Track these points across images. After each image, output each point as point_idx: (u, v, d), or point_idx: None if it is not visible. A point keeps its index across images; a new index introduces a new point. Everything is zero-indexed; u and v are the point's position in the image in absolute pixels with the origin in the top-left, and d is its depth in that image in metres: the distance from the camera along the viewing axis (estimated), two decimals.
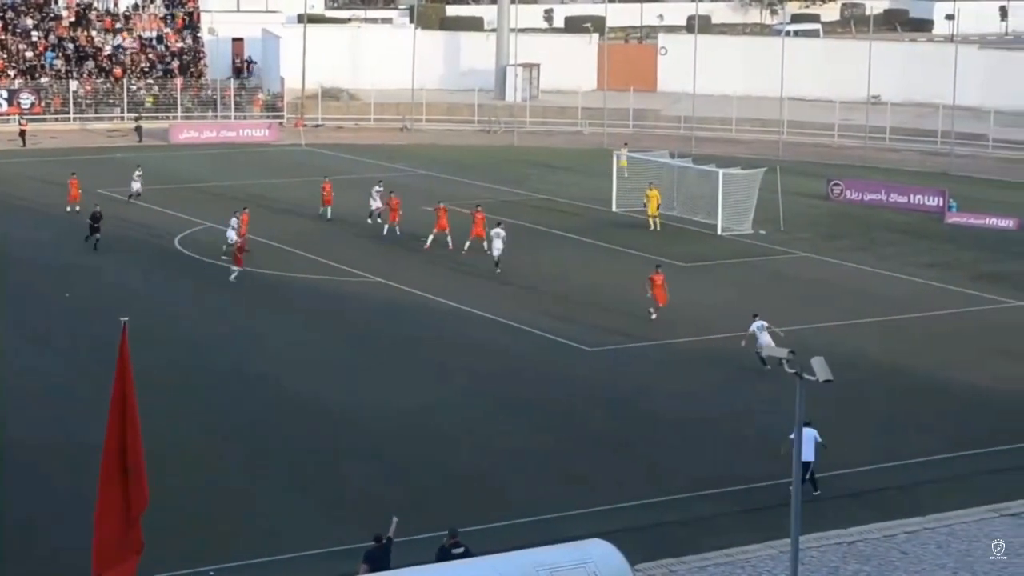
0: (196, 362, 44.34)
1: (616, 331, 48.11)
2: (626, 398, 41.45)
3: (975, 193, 73.84)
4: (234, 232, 57.33)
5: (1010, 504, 33.51)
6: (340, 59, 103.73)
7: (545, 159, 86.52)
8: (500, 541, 29.71)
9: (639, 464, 36.37)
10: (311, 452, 36.69)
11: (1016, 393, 42.25)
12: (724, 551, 30.68)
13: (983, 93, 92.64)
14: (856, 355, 44.64)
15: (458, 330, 48.48)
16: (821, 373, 24.56)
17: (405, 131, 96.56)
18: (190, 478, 34.56)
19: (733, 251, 61.10)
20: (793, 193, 70.02)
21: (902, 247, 62.69)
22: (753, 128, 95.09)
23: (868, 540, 31.43)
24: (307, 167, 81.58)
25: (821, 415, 34.19)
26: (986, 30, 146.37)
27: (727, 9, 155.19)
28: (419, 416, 39.58)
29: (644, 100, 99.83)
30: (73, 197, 66.68)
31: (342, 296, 52.98)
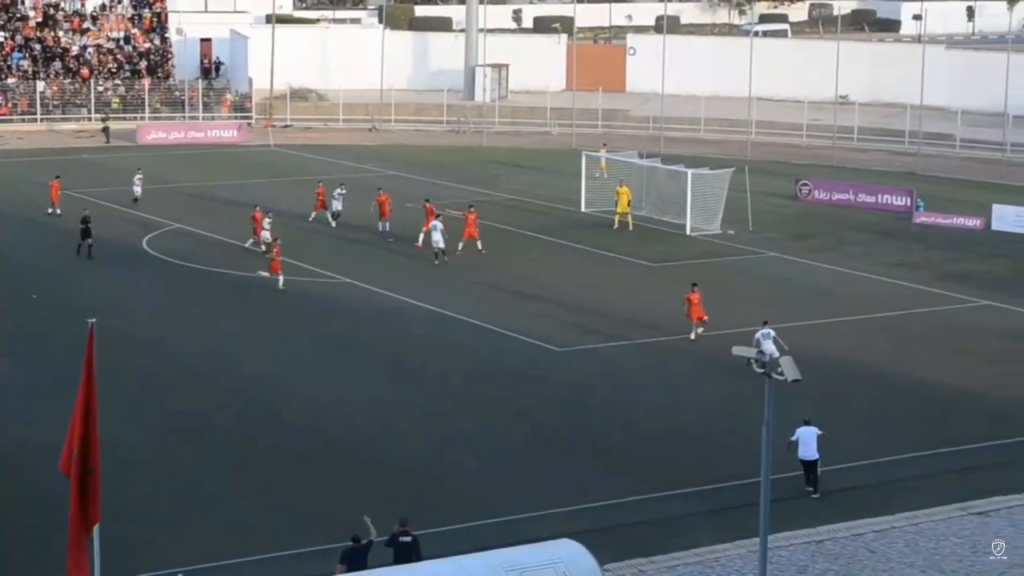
0: (162, 363, 44.15)
1: (585, 331, 48.10)
2: (594, 398, 41.44)
3: (942, 193, 74.12)
4: (267, 233, 57.42)
5: (976, 503, 33.61)
6: (309, 60, 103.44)
7: (514, 159, 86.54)
8: (469, 542, 29.70)
9: (608, 464, 36.33)
10: (278, 452, 36.56)
11: (982, 392, 42.36)
12: (693, 551, 30.68)
13: (950, 93, 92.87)
14: (824, 355, 44.71)
15: (426, 330, 48.42)
16: (790, 373, 24.64)
17: (374, 131, 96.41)
18: (158, 479, 34.49)
19: (702, 251, 61.18)
20: (761, 193, 70.14)
21: (870, 247, 62.86)
22: (722, 128, 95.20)
23: (836, 539, 31.45)
24: (276, 168, 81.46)
25: (789, 415, 34.18)
26: (953, 30, 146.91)
27: (695, 9, 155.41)
28: (386, 416, 39.49)
29: (613, 100, 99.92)
30: (54, 199, 66.25)
31: (310, 297, 52.83)
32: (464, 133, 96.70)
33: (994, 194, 72.66)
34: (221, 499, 33.69)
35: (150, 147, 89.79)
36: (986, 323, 50.57)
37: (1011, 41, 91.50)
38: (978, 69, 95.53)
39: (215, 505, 33.27)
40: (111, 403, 29.01)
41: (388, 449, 36.99)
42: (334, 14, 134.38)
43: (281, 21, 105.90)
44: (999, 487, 34.59)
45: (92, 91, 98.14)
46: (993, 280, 56.78)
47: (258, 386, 42.20)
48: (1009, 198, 71.02)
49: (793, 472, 34.22)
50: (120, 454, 32.87)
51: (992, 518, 32.73)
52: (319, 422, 38.98)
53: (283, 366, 44.17)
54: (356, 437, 37.86)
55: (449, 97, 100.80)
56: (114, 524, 25.81)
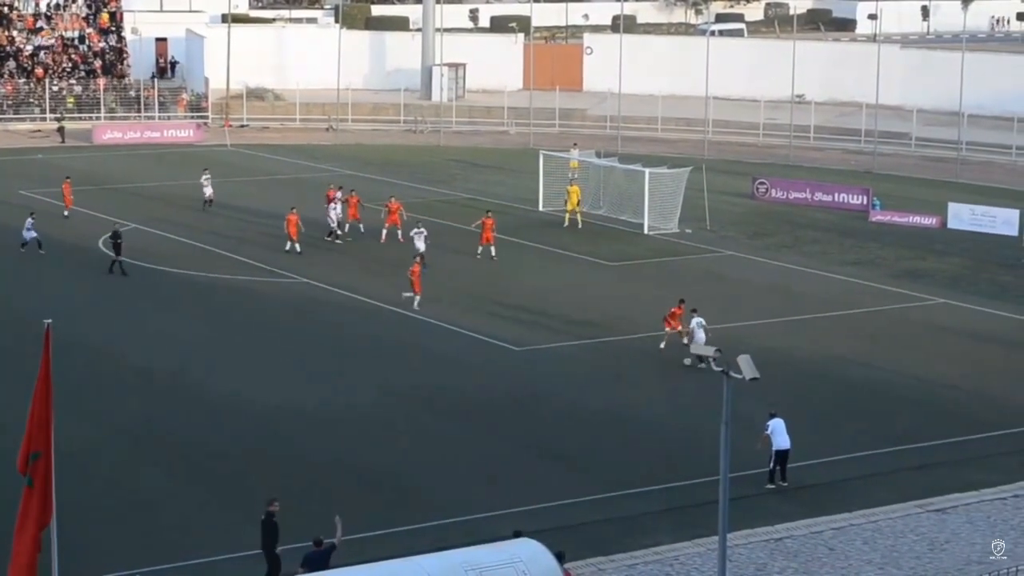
0: (112, 364, 43.91)
1: (543, 330, 48.09)
2: (553, 397, 41.40)
3: (898, 191, 74.43)
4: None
5: (934, 500, 33.79)
6: (265, 59, 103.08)
7: (471, 159, 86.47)
8: (428, 542, 29.68)
9: (567, 463, 36.32)
10: (228, 453, 36.44)
11: (938, 389, 42.60)
12: (652, 549, 30.73)
13: (905, 92, 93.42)
14: (781, 352, 44.86)
15: (383, 330, 48.26)
16: (747, 371, 24.57)
17: (331, 131, 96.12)
18: (106, 481, 34.30)
19: (660, 250, 61.20)
20: (719, 192, 70.34)
21: (827, 245, 63.06)
22: (679, 127, 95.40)
23: (795, 536, 31.55)
24: (233, 167, 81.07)
25: (746, 413, 34.27)
26: (908, 30, 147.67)
27: (652, 9, 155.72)
28: (342, 416, 39.38)
29: (570, 100, 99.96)
30: (67, 202, 65.69)
31: (265, 296, 52.66)
32: (421, 133, 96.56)
33: (950, 192, 73.11)
34: (177, 500, 33.47)
35: (106, 147, 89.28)
36: (942, 321, 50.79)
37: (965, 40, 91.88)
38: (933, 68, 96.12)
39: (171, 506, 33.06)
40: (64, 405, 28.75)
41: (345, 449, 36.83)
42: (290, 13, 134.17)
43: (237, 21, 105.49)
44: (956, 484, 34.78)
45: (47, 91, 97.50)
46: (949, 278, 57.03)
47: (211, 386, 41.93)
48: (964, 196, 71.36)
49: (752, 470, 34.31)
50: (73, 456, 32.71)
51: (950, 515, 32.91)
52: (274, 423, 38.76)
53: (237, 367, 43.92)
54: (313, 438, 37.66)
55: (406, 97, 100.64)
56: (69, 526, 25.68)
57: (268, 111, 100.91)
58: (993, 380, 43.66)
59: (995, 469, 36.01)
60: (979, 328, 49.82)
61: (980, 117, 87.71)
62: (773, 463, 34.75)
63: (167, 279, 54.68)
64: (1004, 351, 47.09)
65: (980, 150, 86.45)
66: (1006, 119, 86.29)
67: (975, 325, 50.20)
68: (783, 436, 34.74)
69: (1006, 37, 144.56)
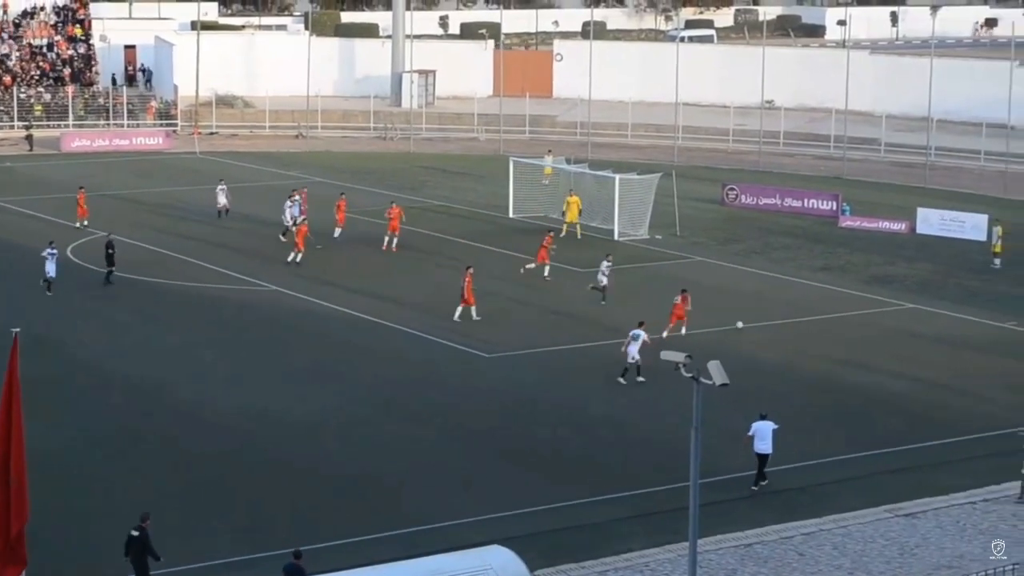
0: (82, 372, 43.73)
1: (514, 336, 48.05)
2: (523, 404, 41.36)
3: (868, 197, 74.55)
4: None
5: (904, 504, 33.84)
6: (234, 66, 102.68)
7: (441, 165, 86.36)
8: (398, 549, 29.58)
9: (537, 469, 36.26)
10: (201, 461, 36.26)
11: (908, 394, 42.67)
12: (623, 556, 30.68)
13: (875, 98, 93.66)
14: (751, 358, 44.87)
15: (354, 337, 48.19)
16: (717, 377, 24.64)
17: (301, 138, 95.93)
18: (80, 488, 34.17)
19: (630, 256, 61.09)
20: (689, 198, 70.37)
21: (796, 251, 63.13)
22: (648, 133, 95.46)
23: (765, 542, 31.54)
24: (202, 175, 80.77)
25: (716, 419, 34.27)
26: (877, 35, 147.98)
27: (622, 15, 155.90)
28: (313, 423, 39.28)
29: (540, 106, 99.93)
30: (81, 213, 65.03)
31: (236, 305, 52.46)
32: (391, 139, 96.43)
33: (919, 198, 73.28)
34: (151, 507, 32.62)
35: (74, 155, 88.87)
36: (912, 326, 50.86)
37: (934, 46, 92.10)
38: (902, 74, 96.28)
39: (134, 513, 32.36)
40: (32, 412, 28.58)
41: (316, 457, 36.73)
42: (259, 20, 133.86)
43: (206, 28, 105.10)
44: (927, 489, 34.85)
45: (15, 98, 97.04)
46: (918, 283, 57.15)
47: (182, 393, 41.80)
48: (934, 202, 71.64)
49: (721, 476, 34.29)
50: (47, 462, 32.56)
51: (920, 519, 32.94)
52: (247, 430, 38.63)
53: (208, 373, 43.78)
54: (286, 445, 37.55)
55: (376, 103, 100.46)
56: (43, 532, 25.56)
57: (237, 118, 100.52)
58: (963, 385, 43.73)
59: (965, 473, 36.06)
60: (949, 333, 49.94)
61: (949, 123, 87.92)
62: (758, 466, 34.87)
63: (138, 287, 54.34)
64: (974, 356, 47.19)
65: (949, 156, 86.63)
66: (975, 125, 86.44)
67: (945, 330, 50.31)
68: (764, 440, 34.78)
69: (992, 42, 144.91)
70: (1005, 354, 47.36)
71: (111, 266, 54.71)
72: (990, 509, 33.68)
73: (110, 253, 54.83)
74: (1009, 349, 48.04)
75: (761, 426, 35.00)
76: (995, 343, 48.74)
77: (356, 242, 61.96)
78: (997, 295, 55.34)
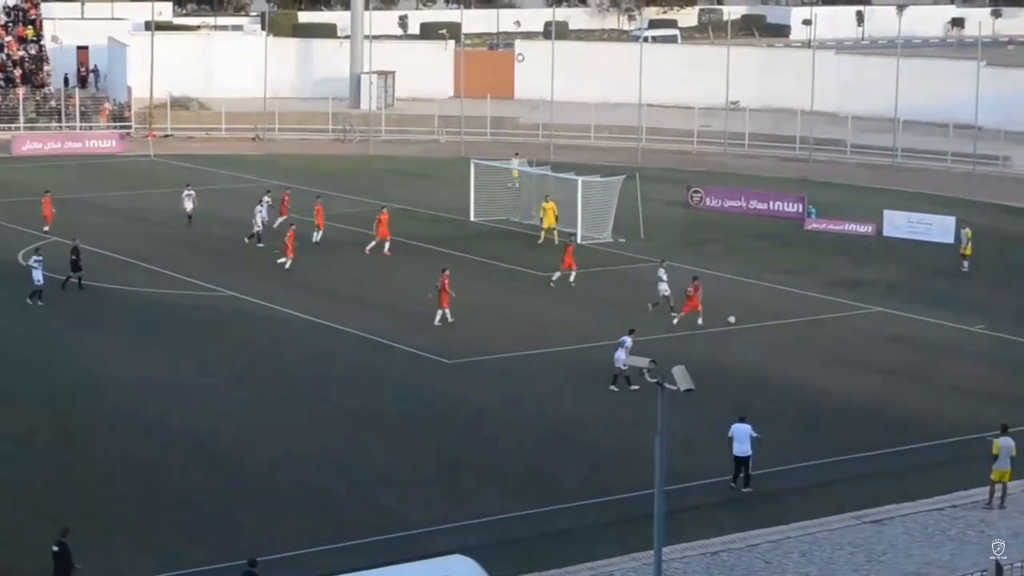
0: (32, 380, 43.20)
1: (475, 342, 47.70)
2: (486, 410, 41.19)
3: (834, 199, 74.29)
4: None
5: (871, 511, 33.85)
6: (189, 67, 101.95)
7: (402, 168, 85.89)
8: (358, 559, 29.31)
9: (500, 477, 36.11)
10: (158, 473, 35.94)
11: (876, 399, 42.46)
12: (587, 564, 30.73)
13: (840, 98, 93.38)
14: (717, 363, 44.56)
15: (315, 344, 47.88)
16: (682, 382, 24.58)
17: (258, 141, 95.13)
18: (25, 502, 33.78)
19: (593, 260, 60.66)
20: (653, 200, 69.93)
21: (762, 254, 62.83)
22: (612, 135, 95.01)
23: (731, 550, 31.54)
24: (157, 178, 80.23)
25: (681, 425, 33.91)
26: (843, 35, 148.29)
27: (584, 15, 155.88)
28: (272, 431, 38.98)
29: (501, 107, 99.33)
30: (47, 216, 64.01)
31: (192, 310, 52.00)
32: (350, 142, 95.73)
33: (885, 200, 73.14)
34: (101, 521, 32.78)
35: (26, 158, 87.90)
36: (879, 330, 50.65)
37: (900, 46, 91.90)
38: (867, 74, 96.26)
39: (93, 525, 32.20)
40: None
41: (274, 466, 36.46)
42: (215, 21, 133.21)
43: (160, 28, 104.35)
44: (894, 495, 34.88)
45: None
46: (885, 286, 56.83)
47: (135, 403, 41.35)
48: (900, 204, 71.56)
49: (687, 483, 34.06)
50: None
51: (887, 526, 33.04)
52: (203, 440, 38.33)
53: (160, 382, 43.31)
54: (241, 455, 37.30)
55: (335, 105, 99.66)
56: None
57: (193, 120, 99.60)
58: (930, 389, 43.72)
59: (932, 479, 36.10)
60: (916, 337, 49.80)
61: (915, 123, 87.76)
62: (735, 467, 34.97)
63: (90, 294, 53.52)
64: (941, 360, 47.15)
65: (916, 157, 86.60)
66: (941, 125, 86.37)
67: (912, 334, 50.16)
68: (742, 443, 34.85)
69: (958, 42, 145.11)
70: (972, 358, 47.35)
71: (76, 271, 53.78)
72: (958, 515, 33.83)
73: (74, 259, 53.86)
74: (976, 353, 48.02)
75: (739, 428, 35.04)
76: (963, 347, 48.71)
77: (319, 246, 61.41)
78: (964, 298, 55.19)
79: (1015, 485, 34.47)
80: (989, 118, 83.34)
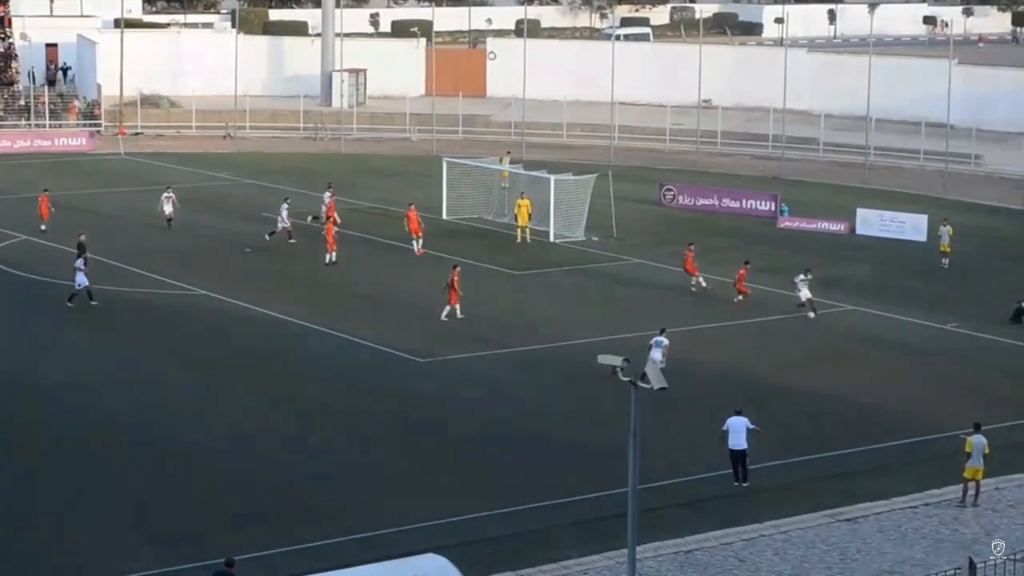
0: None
1: (448, 341, 47.52)
2: (458, 409, 41.10)
3: (807, 197, 74.34)
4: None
5: (844, 509, 33.77)
6: (160, 65, 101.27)
7: (373, 166, 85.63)
8: (330, 558, 29.24)
9: (472, 476, 36.01)
10: (131, 470, 35.76)
11: (848, 397, 42.40)
12: (561, 563, 30.60)
13: (812, 97, 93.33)
14: (690, 362, 44.37)
15: (287, 343, 47.71)
16: (655, 381, 24.40)
17: (229, 139, 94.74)
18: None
19: (566, 259, 60.63)
20: (625, 199, 69.79)
21: (735, 252, 62.41)
22: (584, 133, 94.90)
23: (705, 548, 31.46)
24: (127, 176, 79.89)
25: (655, 423, 33.78)
26: (815, 33, 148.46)
27: (556, 13, 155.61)
28: (245, 430, 38.85)
29: (473, 106, 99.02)
30: (44, 215, 63.56)
31: (165, 310, 51.73)
32: (321, 140, 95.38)
33: (858, 198, 73.21)
34: (72, 522, 32.64)
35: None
36: (852, 328, 50.60)
37: (872, 44, 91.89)
38: (840, 72, 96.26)
39: (68, 528, 32.29)
40: None
41: (248, 465, 36.30)
42: (185, 18, 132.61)
43: (130, 26, 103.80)
44: (868, 493, 34.82)
45: None
46: (858, 285, 56.88)
47: (105, 401, 41.20)
48: (873, 202, 71.62)
49: (659, 482, 33.94)
50: None
51: (860, 524, 33.00)
52: (176, 439, 38.13)
53: (133, 381, 43.10)
54: (214, 453, 37.15)
55: (306, 103, 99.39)
56: None
57: (163, 118, 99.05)
58: (904, 387, 43.70)
59: (906, 478, 36.04)
60: (889, 335, 49.78)
61: (887, 122, 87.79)
62: (732, 463, 34.98)
63: (57, 291, 53.06)
64: (914, 358, 47.18)
65: (888, 155, 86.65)
66: (913, 124, 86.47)
67: (885, 332, 50.13)
68: (738, 436, 34.93)
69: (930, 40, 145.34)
70: (945, 356, 47.44)
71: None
72: (931, 513, 33.79)
73: (79, 254, 53.38)
74: (949, 351, 48.10)
75: (735, 422, 35.14)
76: (935, 345, 48.75)
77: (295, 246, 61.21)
78: (937, 297, 55.22)
79: (988, 483, 34.45)
80: (961, 116, 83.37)
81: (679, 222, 69.18)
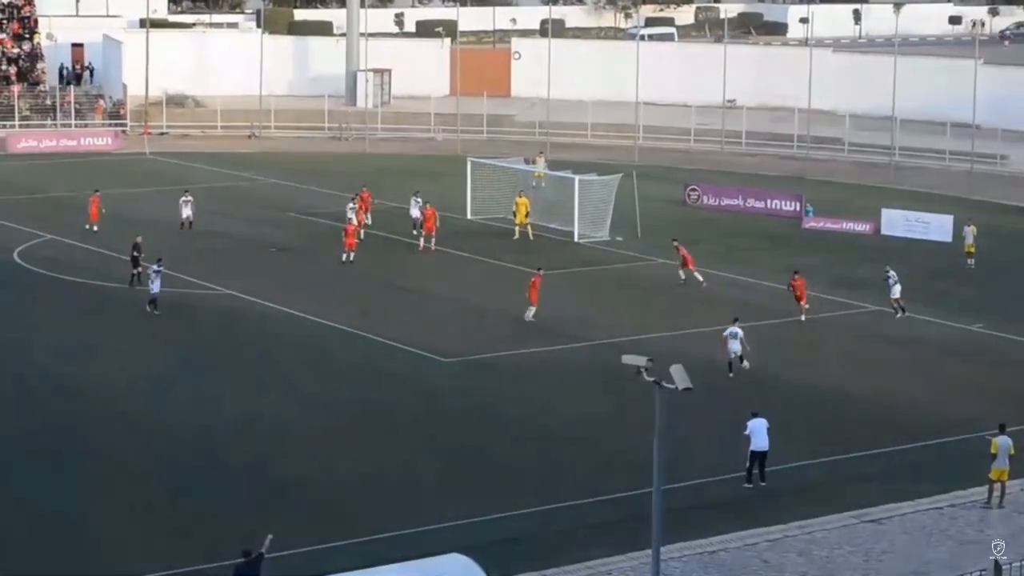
0: (29, 379, 43.15)
1: (472, 341, 47.52)
2: (481, 409, 41.05)
3: (831, 197, 74.14)
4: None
5: (869, 510, 33.70)
6: (185, 65, 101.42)
7: (398, 166, 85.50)
8: (356, 558, 29.24)
9: (497, 476, 35.96)
10: (152, 469, 35.84)
11: (874, 398, 42.29)
12: (585, 564, 30.58)
13: (838, 97, 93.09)
14: (714, 362, 44.20)
15: (311, 342, 47.70)
16: (680, 381, 24.47)
17: (253, 138, 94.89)
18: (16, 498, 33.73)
19: (590, 258, 60.60)
20: (650, 199, 69.65)
21: (759, 253, 62.56)
22: (609, 133, 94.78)
23: (729, 549, 31.42)
24: (153, 176, 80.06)
25: (679, 423, 33.49)
26: (840, 33, 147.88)
27: (581, 13, 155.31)
28: (267, 431, 38.85)
29: (498, 105, 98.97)
30: (94, 216, 63.63)
31: (187, 310, 51.73)
32: (346, 140, 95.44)
33: (883, 198, 72.99)
34: (97, 518, 32.80)
35: (21, 156, 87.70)
36: (877, 329, 50.44)
37: (897, 44, 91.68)
38: (865, 72, 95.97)
39: (93, 524, 32.43)
40: None
41: (272, 464, 36.34)
42: (210, 18, 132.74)
43: (156, 25, 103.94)
44: (892, 495, 34.72)
45: None
46: (884, 285, 56.40)
47: (130, 401, 41.27)
48: (898, 202, 71.40)
49: (684, 483, 33.88)
50: None
51: (885, 526, 32.93)
52: (199, 438, 38.19)
53: (157, 380, 43.15)
54: (237, 453, 37.19)
55: (330, 103, 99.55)
56: None
57: (188, 118, 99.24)
58: (929, 388, 43.61)
59: (931, 479, 35.89)
60: (914, 336, 49.63)
61: (912, 122, 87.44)
62: (750, 463, 35.02)
63: (83, 291, 53.58)
64: (940, 359, 47.03)
65: (913, 155, 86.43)
66: (939, 124, 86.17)
67: (910, 333, 49.95)
68: (761, 437, 34.99)
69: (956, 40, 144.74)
70: (971, 357, 47.21)
71: (136, 268, 53.23)
72: (957, 515, 33.74)
73: (135, 256, 53.39)
74: (975, 352, 47.88)
75: (756, 424, 35.21)
76: (961, 346, 48.56)
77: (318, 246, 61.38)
78: (963, 297, 55.09)
79: (1014, 484, 34.36)
80: (987, 116, 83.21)
81: (704, 222, 69.07)
